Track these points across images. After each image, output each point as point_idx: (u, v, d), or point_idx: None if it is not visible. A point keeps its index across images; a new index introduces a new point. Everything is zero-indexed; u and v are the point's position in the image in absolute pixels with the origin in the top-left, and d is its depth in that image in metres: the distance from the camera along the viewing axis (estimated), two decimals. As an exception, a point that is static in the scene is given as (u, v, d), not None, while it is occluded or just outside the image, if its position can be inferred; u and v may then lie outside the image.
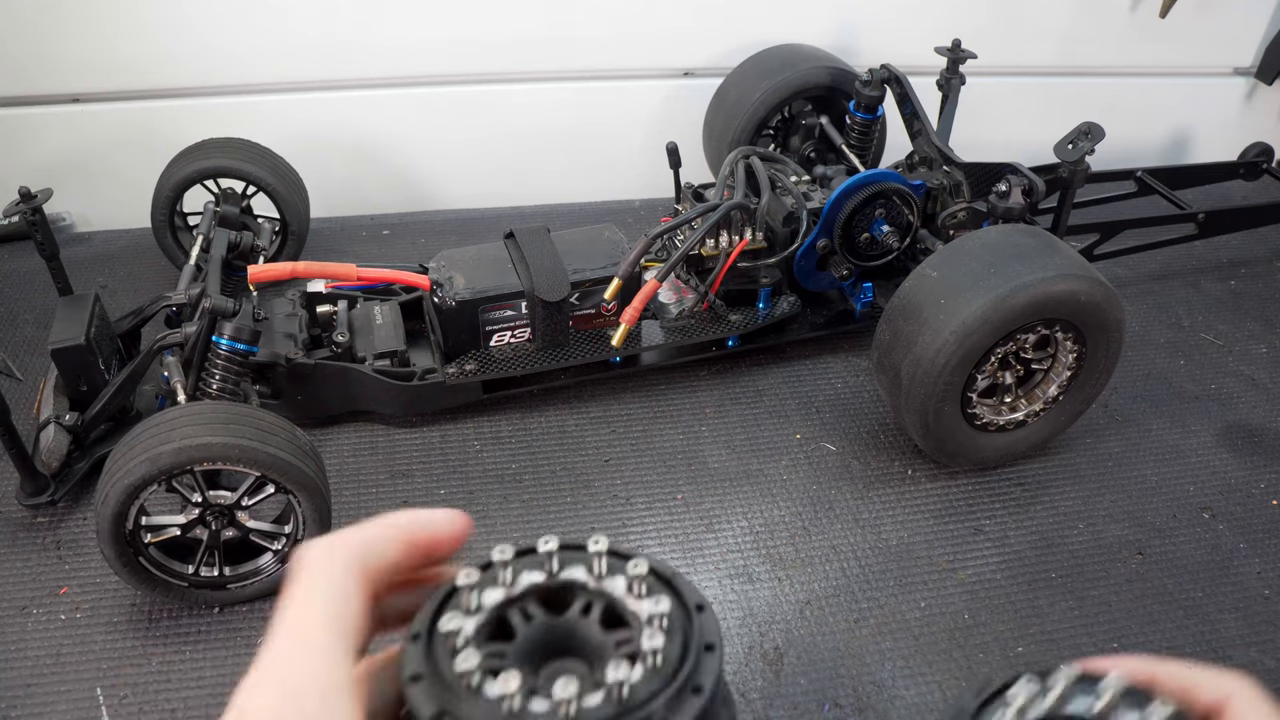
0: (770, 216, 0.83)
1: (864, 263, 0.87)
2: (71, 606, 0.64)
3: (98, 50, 0.96)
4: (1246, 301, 1.02)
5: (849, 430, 0.82)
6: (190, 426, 0.59)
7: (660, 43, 1.07)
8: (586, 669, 0.35)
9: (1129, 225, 0.98)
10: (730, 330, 0.85)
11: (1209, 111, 1.28)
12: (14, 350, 0.87)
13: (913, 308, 0.72)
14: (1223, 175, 1.12)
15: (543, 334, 0.79)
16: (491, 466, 0.76)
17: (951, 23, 1.05)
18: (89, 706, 0.58)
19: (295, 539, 0.64)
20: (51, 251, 0.76)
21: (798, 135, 1.02)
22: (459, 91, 1.07)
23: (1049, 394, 0.77)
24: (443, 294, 0.77)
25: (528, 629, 0.35)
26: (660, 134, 0.93)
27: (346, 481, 0.74)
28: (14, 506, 0.70)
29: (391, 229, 1.08)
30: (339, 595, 0.31)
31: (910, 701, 0.60)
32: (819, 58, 1.01)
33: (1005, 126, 1.17)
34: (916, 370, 0.71)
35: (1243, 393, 0.89)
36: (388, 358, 0.78)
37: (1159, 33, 1.17)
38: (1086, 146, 0.85)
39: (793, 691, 0.60)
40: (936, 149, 0.88)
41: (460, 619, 0.33)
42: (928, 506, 0.75)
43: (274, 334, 0.77)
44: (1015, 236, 0.73)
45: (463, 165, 1.11)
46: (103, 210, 1.05)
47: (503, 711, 0.30)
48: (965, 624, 0.65)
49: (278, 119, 1.02)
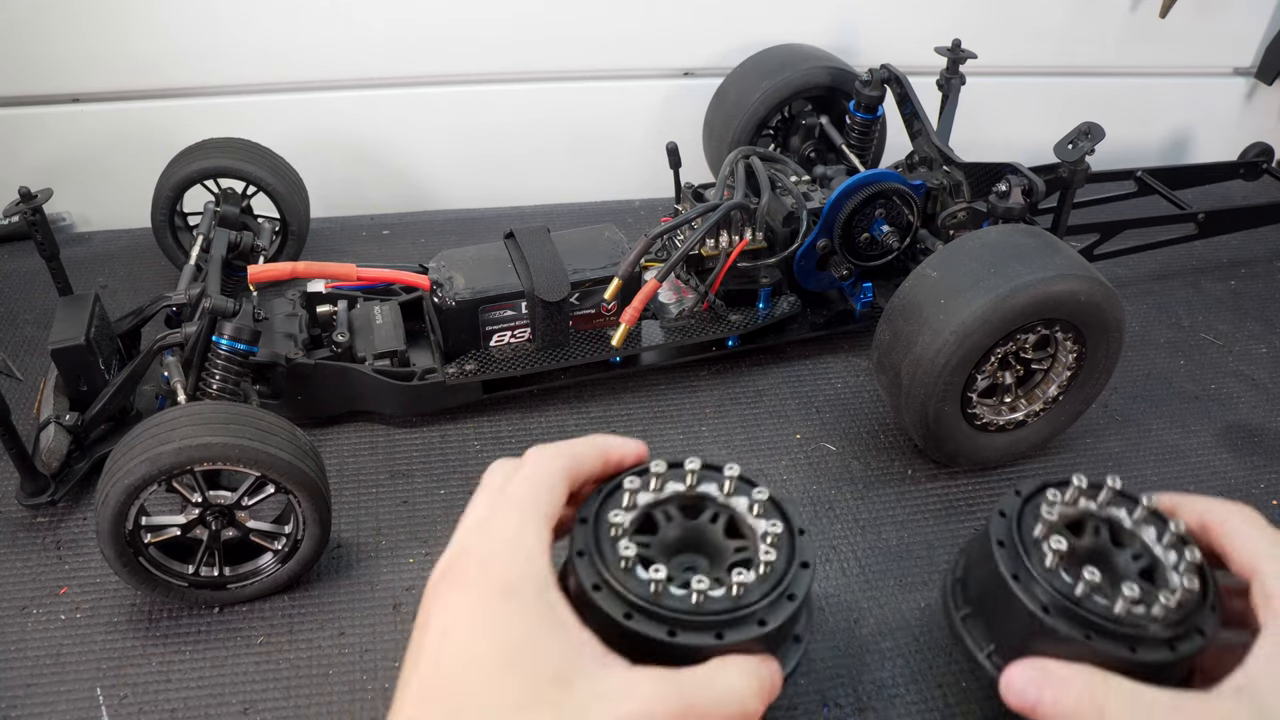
0: (770, 216, 0.83)
1: (864, 263, 0.87)
2: (71, 606, 0.64)
3: (97, 50, 0.96)
4: (1246, 301, 1.02)
5: (849, 430, 0.82)
6: (190, 426, 0.59)
7: (660, 43, 1.07)
8: (708, 565, 0.48)
9: (1129, 225, 0.98)
10: (730, 330, 0.85)
11: (1209, 111, 1.28)
12: (14, 350, 0.87)
13: (913, 308, 0.72)
14: (1223, 175, 1.12)
15: (543, 334, 0.79)
16: (491, 466, 0.76)
17: (951, 23, 1.06)
18: (89, 706, 0.58)
19: (295, 539, 0.64)
20: (51, 251, 0.76)
21: (798, 135, 1.02)
22: (459, 91, 1.07)
23: (1049, 394, 0.77)
24: (443, 294, 0.77)
25: (667, 526, 0.49)
26: (660, 134, 0.93)
27: (346, 481, 0.74)
28: (14, 506, 0.71)
29: (391, 229, 1.08)
30: (549, 486, 0.45)
31: (910, 701, 0.60)
32: (819, 58, 1.01)
33: (1005, 126, 1.17)
34: (916, 370, 0.71)
35: (1243, 393, 0.89)
36: (388, 358, 0.78)
37: (1159, 33, 1.17)
38: (1086, 146, 0.85)
39: (793, 691, 0.60)
40: (936, 149, 0.88)
41: (621, 514, 0.47)
42: (928, 506, 0.75)
43: (274, 334, 0.77)
44: (1015, 236, 0.73)
45: (463, 165, 1.11)
46: (103, 210, 1.05)
47: (649, 590, 0.43)
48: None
49: (278, 119, 1.02)
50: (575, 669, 0.40)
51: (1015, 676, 0.45)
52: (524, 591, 0.41)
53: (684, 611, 0.43)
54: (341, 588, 0.67)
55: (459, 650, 0.40)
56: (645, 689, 0.40)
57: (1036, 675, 0.45)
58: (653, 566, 0.44)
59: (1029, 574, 0.48)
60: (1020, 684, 0.45)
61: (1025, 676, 0.45)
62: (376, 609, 0.65)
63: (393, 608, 0.65)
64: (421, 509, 0.73)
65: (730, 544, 0.49)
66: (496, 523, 0.44)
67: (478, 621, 0.40)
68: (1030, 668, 0.45)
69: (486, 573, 0.41)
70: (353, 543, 0.70)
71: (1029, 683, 0.45)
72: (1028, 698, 0.45)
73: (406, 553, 0.69)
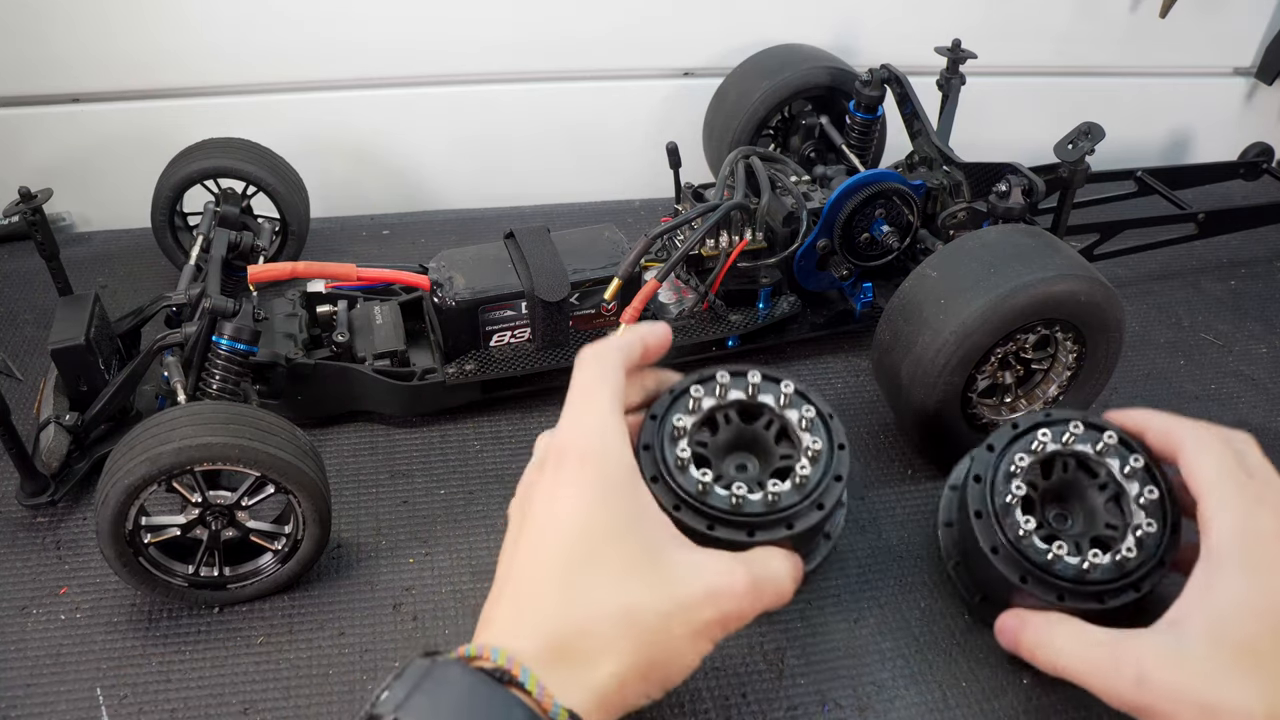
0: (770, 216, 0.83)
1: (864, 263, 0.87)
2: (71, 606, 0.64)
3: (98, 50, 0.96)
4: (1247, 301, 1.02)
5: (849, 430, 0.81)
6: (190, 426, 0.59)
7: (660, 43, 1.07)
8: (757, 466, 0.57)
9: (1129, 225, 0.98)
10: (730, 330, 0.85)
11: (1209, 111, 1.28)
12: (14, 350, 0.87)
13: (913, 308, 0.72)
14: (1223, 175, 1.12)
15: (543, 334, 0.79)
16: (491, 466, 0.76)
17: (951, 23, 1.05)
18: (89, 706, 0.58)
19: (295, 539, 0.64)
20: (51, 251, 0.76)
21: (798, 135, 1.02)
22: (459, 91, 1.07)
23: (1049, 394, 0.77)
24: (443, 294, 0.77)
25: (727, 428, 0.57)
26: (660, 134, 0.93)
27: (346, 481, 0.74)
28: (14, 506, 0.71)
29: (391, 229, 1.08)
30: (613, 374, 0.53)
31: (910, 702, 0.60)
32: (819, 58, 1.01)
33: (1005, 126, 1.17)
34: (916, 371, 0.71)
35: (1243, 393, 0.89)
36: (388, 358, 0.78)
37: (1159, 33, 1.17)
38: (1086, 146, 0.85)
39: (793, 691, 0.60)
40: (937, 149, 0.88)
41: (685, 417, 0.55)
42: (928, 506, 0.75)
43: (274, 334, 0.77)
44: (1015, 236, 0.73)
45: (463, 165, 1.11)
46: (103, 210, 1.05)
47: (697, 488, 0.52)
48: (965, 624, 0.65)
49: (278, 119, 1.02)
50: (662, 544, 0.48)
51: (1003, 628, 0.59)
52: (619, 478, 0.48)
53: (723, 510, 0.52)
54: (341, 588, 0.67)
55: (567, 525, 0.46)
56: (720, 564, 0.48)
57: (1015, 623, 0.57)
58: (702, 470, 0.53)
59: (1005, 545, 0.57)
60: (1006, 633, 0.58)
61: (1008, 626, 0.58)
62: (376, 609, 0.65)
63: (393, 608, 0.65)
64: (421, 509, 0.73)
65: (778, 449, 0.57)
66: (586, 419, 0.51)
67: (582, 502, 0.47)
68: (1011, 617, 0.58)
69: (585, 462, 0.48)
70: (353, 543, 0.70)
71: (1008, 630, 0.58)
72: (1007, 641, 0.58)
73: (406, 553, 0.69)
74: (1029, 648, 0.56)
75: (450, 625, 0.64)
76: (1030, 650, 0.56)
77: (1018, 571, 0.56)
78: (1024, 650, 0.56)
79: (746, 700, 0.60)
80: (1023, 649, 0.57)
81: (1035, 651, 0.55)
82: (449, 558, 0.69)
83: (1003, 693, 0.61)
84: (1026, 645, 0.56)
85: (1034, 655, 0.56)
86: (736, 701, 0.60)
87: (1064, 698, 0.61)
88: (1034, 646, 0.55)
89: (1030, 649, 0.56)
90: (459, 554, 0.69)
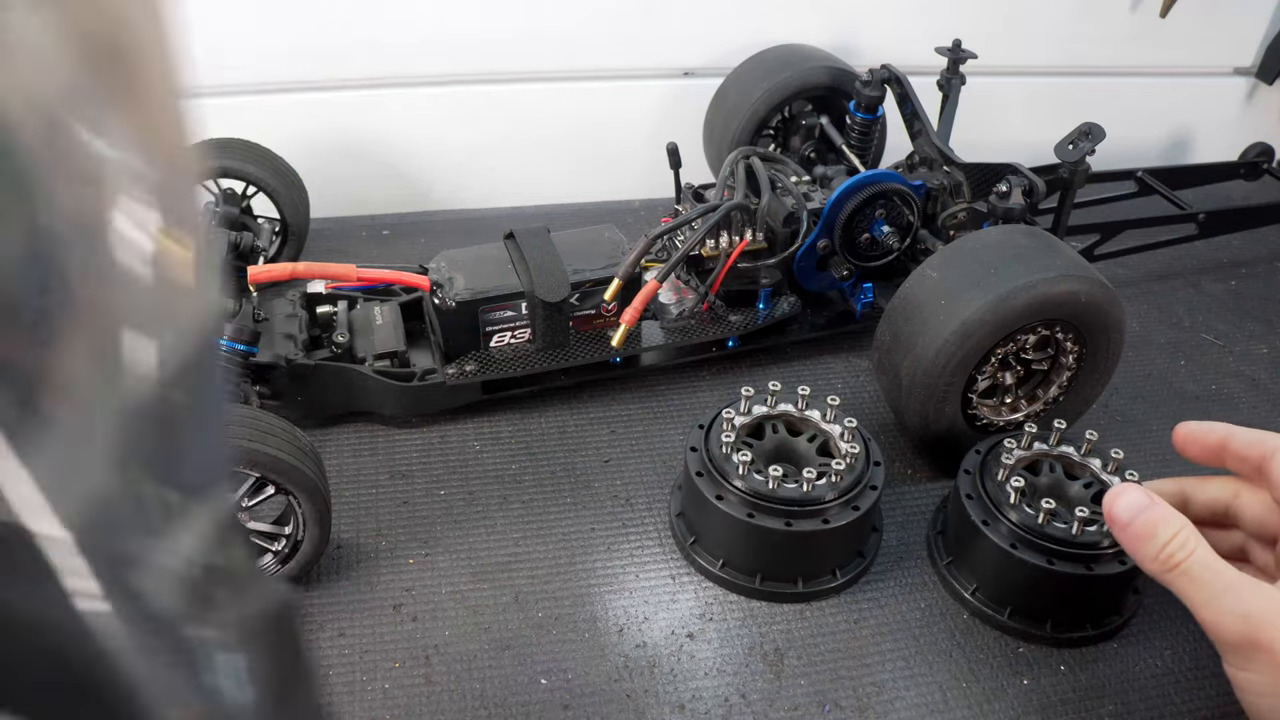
0: (770, 217, 0.83)
1: (864, 263, 0.87)
2: (71, 607, 0.64)
3: (98, 50, 0.96)
4: (1247, 301, 1.02)
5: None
6: (190, 427, 0.59)
7: (660, 43, 1.07)
8: (797, 472, 0.64)
9: (1129, 225, 0.98)
10: (730, 331, 0.85)
11: (1209, 111, 1.28)
12: (14, 350, 0.87)
13: (913, 308, 0.72)
14: (1223, 175, 1.12)
15: (543, 335, 0.79)
16: (491, 466, 0.76)
17: (951, 23, 1.05)
18: (89, 707, 0.58)
19: (295, 540, 0.64)
20: (51, 252, 0.76)
21: (798, 135, 1.02)
22: (459, 91, 1.07)
23: (1049, 394, 0.77)
24: (443, 295, 0.77)
25: (773, 437, 0.68)
26: (660, 134, 0.93)
27: (346, 481, 0.74)
28: (14, 507, 0.70)
29: (391, 229, 1.08)
30: None
31: (911, 702, 0.60)
32: (819, 58, 1.01)
33: (1005, 126, 1.17)
34: (917, 371, 0.71)
35: (1243, 393, 0.89)
36: (388, 358, 0.78)
37: (1159, 33, 1.17)
38: (1087, 147, 0.85)
39: (793, 692, 0.60)
40: (937, 149, 0.88)
41: (737, 417, 0.67)
42: (928, 506, 0.74)
43: (274, 334, 0.77)
44: (1015, 237, 0.73)
45: (463, 165, 1.11)
46: (103, 210, 1.05)
47: (741, 472, 0.63)
48: (965, 624, 0.65)
49: (278, 119, 1.02)
50: None
51: (1125, 500, 0.52)
52: None
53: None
54: (341, 588, 0.67)
55: None
56: None
57: (1143, 501, 0.51)
58: (744, 458, 0.63)
59: (995, 516, 0.62)
60: (1128, 505, 0.51)
61: (1136, 502, 0.51)
62: (376, 609, 0.65)
63: (393, 608, 0.65)
64: (421, 509, 0.73)
65: (818, 461, 0.66)
66: None
67: None
68: (1140, 493, 0.51)
69: None
70: (353, 543, 0.70)
71: (1134, 506, 0.51)
72: (1123, 517, 0.51)
73: (406, 553, 0.69)
74: (1148, 533, 0.50)
75: (450, 625, 0.64)
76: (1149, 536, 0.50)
77: (1009, 538, 0.62)
78: (1141, 537, 0.50)
79: (746, 700, 0.60)
80: (1137, 529, 0.50)
81: (1149, 535, 0.50)
82: (449, 558, 0.69)
83: (1003, 693, 0.61)
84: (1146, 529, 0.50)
85: (1143, 541, 0.50)
86: (736, 702, 0.60)
87: (1064, 698, 0.61)
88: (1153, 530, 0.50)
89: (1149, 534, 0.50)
90: (459, 554, 0.69)
